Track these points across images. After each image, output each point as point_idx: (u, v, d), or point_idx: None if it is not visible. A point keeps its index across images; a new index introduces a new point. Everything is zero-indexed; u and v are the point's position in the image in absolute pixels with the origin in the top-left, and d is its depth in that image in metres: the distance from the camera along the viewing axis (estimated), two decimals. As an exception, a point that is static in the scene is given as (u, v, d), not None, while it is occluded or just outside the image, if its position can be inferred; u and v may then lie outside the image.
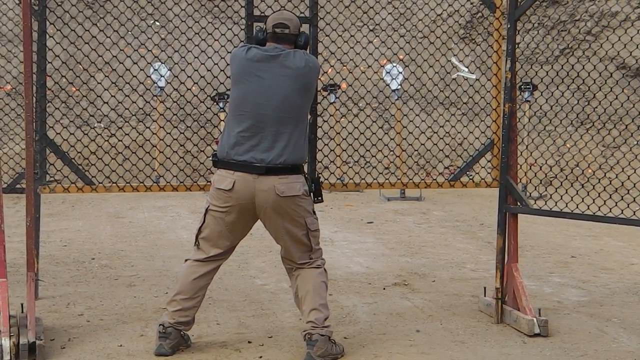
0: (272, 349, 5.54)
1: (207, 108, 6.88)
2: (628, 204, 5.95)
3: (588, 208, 6.07)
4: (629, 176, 6.48)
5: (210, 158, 5.53)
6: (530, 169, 10.19)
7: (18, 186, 7.51)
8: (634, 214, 5.83)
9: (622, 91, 7.35)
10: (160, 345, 5.37)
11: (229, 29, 7.03)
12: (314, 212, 5.44)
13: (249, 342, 5.68)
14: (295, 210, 5.30)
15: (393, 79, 11.99)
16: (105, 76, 7.64)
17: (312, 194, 5.43)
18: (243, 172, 5.24)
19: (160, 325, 5.41)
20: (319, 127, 6.24)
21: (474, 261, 8.47)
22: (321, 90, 12.49)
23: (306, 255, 5.42)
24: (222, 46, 7.70)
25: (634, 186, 6.17)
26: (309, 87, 5.37)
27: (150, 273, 7.71)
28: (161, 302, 6.55)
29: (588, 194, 6.19)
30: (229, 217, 5.34)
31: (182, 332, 5.44)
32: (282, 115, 5.25)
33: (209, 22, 6.98)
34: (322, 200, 5.50)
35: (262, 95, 5.25)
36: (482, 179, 7.04)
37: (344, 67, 8.36)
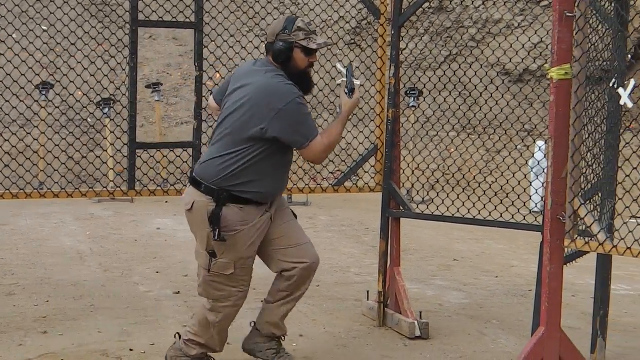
0: (154, 357, 5.49)
1: (90, 114, 6.80)
2: (507, 208, 6.06)
3: (469, 212, 6.17)
4: (507, 180, 6.61)
5: None
6: (413, 173, 10.33)
7: None
8: (513, 218, 5.95)
9: (502, 97, 7.50)
10: None
11: (112, 33, 6.95)
12: (209, 247, 4.89)
13: (131, 349, 5.62)
14: (191, 222, 5.02)
15: (279, 84, 11.96)
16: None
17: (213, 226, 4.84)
18: None
19: None
20: (204, 132, 6.22)
21: (359, 265, 8.54)
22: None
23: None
24: (105, 51, 7.61)
25: (513, 190, 6.30)
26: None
27: (31, 281, 7.55)
28: (42, 311, 6.44)
29: (469, 198, 6.29)
30: None
31: None
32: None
33: (92, 27, 6.88)
34: (223, 240, 4.86)
35: None
36: (365, 184, 7.11)
37: (230, 73, 8.31)
